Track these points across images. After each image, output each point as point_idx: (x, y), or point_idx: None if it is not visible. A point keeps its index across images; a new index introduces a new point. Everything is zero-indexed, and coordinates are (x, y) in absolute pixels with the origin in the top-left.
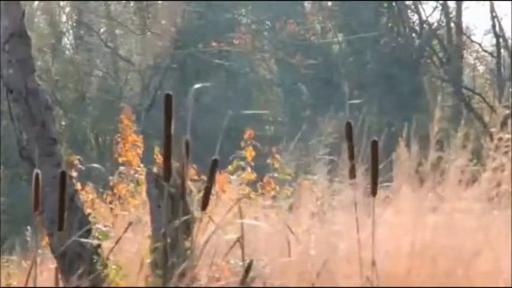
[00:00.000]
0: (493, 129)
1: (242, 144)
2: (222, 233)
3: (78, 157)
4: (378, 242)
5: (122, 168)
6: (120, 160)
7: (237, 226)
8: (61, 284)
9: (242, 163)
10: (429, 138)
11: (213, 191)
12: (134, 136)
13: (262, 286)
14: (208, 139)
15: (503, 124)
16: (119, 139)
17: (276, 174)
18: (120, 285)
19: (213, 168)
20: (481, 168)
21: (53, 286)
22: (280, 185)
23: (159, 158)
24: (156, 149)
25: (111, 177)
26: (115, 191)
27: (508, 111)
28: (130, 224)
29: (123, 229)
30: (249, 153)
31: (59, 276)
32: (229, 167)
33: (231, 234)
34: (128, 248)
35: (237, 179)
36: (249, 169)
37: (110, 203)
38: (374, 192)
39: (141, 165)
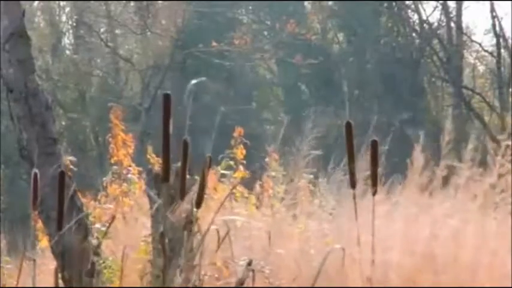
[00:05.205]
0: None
1: (232, 142)
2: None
3: (70, 158)
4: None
5: (114, 168)
6: (112, 160)
7: (231, 225)
8: (61, 284)
9: (232, 162)
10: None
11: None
12: (123, 135)
13: (262, 286)
14: (207, 139)
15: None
16: (110, 139)
17: (273, 173)
18: (118, 285)
19: (207, 166)
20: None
21: (53, 286)
22: (277, 184)
23: (152, 158)
24: (150, 149)
25: (104, 178)
26: (108, 191)
27: None
28: (114, 218)
29: (119, 229)
30: (240, 151)
31: (59, 276)
32: (218, 167)
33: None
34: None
35: (229, 177)
36: (241, 167)
37: (104, 203)
38: (374, 192)
39: (132, 164)
